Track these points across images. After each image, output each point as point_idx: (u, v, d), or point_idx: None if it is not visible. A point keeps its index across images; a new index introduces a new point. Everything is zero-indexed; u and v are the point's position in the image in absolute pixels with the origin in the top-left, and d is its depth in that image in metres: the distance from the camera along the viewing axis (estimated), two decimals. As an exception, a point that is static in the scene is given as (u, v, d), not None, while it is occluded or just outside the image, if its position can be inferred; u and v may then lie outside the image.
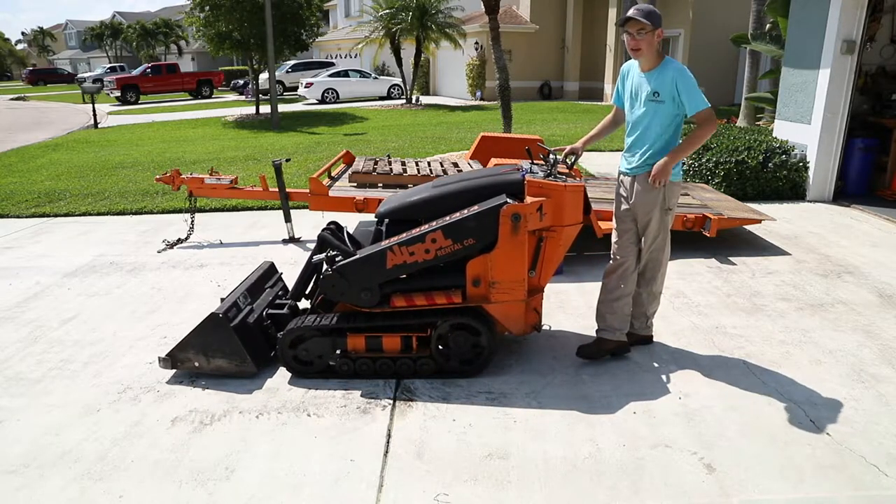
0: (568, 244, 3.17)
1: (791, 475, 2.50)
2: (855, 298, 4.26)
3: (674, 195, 3.24)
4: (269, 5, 14.27)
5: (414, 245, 3.03)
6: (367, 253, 3.10)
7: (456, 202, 3.11)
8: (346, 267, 3.10)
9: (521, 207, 2.96)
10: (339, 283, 3.11)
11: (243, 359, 3.20)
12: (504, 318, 3.19)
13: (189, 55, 47.94)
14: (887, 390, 3.11)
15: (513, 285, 3.09)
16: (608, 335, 3.41)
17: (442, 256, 3.05)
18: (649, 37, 3.06)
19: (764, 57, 12.71)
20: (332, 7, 38.09)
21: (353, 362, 3.22)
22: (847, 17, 6.49)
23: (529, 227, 3.00)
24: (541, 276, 3.19)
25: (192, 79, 29.02)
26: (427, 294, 3.14)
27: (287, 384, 3.22)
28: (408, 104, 21.18)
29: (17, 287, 4.73)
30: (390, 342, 3.21)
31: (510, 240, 2.99)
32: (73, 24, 66.53)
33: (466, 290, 3.12)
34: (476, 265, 3.06)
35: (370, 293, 3.12)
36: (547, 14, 24.13)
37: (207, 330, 3.18)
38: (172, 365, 3.28)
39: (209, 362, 3.24)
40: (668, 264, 3.43)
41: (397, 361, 3.21)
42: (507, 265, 3.05)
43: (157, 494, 2.43)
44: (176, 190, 6.06)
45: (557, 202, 3.03)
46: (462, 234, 3.01)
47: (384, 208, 3.29)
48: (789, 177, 7.06)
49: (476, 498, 2.40)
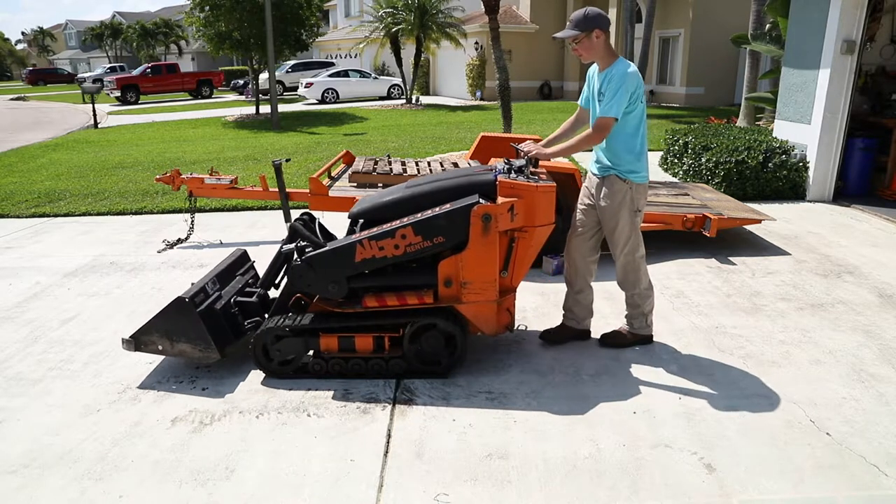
0: (540, 245, 3.18)
1: (791, 475, 2.50)
2: (855, 298, 4.26)
3: (641, 196, 3.29)
4: (269, 5, 14.26)
5: (383, 240, 3.04)
6: (336, 245, 3.12)
7: (428, 202, 3.11)
8: (315, 258, 3.11)
9: (491, 208, 2.97)
10: (307, 274, 3.12)
11: (207, 344, 3.18)
12: (476, 318, 3.19)
13: (189, 55, 47.93)
14: (887, 390, 3.11)
15: (484, 286, 3.09)
16: (573, 324, 3.60)
17: (411, 253, 3.05)
18: (586, 41, 3.13)
19: (764, 57, 12.72)
20: (332, 7, 38.09)
21: (325, 362, 3.23)
22: (847, 17, 6.49)
23: (500, 227, 3.00)
24: (513, 277, 3.20)
25: (192, 79, 29.02)
26: (399, 294, 3.15)
27: (287, 384, 3.22)
28: (408, 104, 21.18)
29: (17, 287, 4.73)
30: (363, 342, 3.22)
31: (481, 240, 3.00)
32: (73, 24, 66.52)
33: (438, 291, 3.13)
34: (447, 265, 3.07)
35: (338, 286, 3.12)
36: (547, 14, 24.12)
37: (172, 314, 3.18)
38: (136, 347, 3.27)
39: (173, 346, 3.24)
40: (645, 263, 3.45)
41: (369, 361, 3.22)
42: (478, 265, 3.05)
43: (157, 494, 2.43)
44: (176, 190, 6.06)
45: (529, 203, 3.03)
46: (432, 231, 3.02)
47: (357, 208, 3.30)
48: (789, 177, 7.06)
49: (476, 498, 2.40)
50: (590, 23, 3.10)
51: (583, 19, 3.12)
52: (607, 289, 4.16)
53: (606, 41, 3.15)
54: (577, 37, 3.12)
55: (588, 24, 3.10)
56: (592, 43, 3.13)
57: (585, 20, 3.11)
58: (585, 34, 3.11)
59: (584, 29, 3.11)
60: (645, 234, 5.30)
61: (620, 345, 3.58)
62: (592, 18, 3.11)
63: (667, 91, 21.14)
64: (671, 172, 8.49)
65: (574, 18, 3.14)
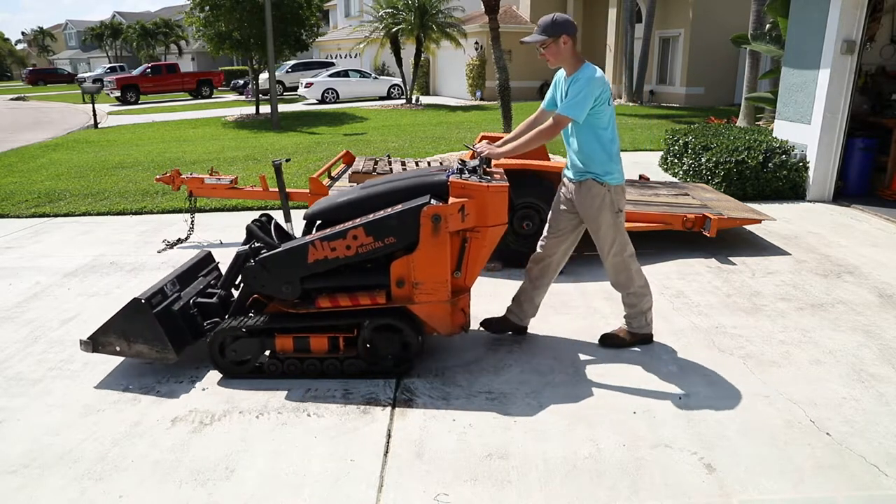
0: (493, 245, 3.18)
1: (791, 475, 2.50)
2: (855, 298, 4.26)
3: (620, 197, 3.31)
4: (269, 5, 14.26)
5: (335, 241, 3.06)
6: (289, 246, 3.13)
7: (382, 203, 3.12)
8: (269, 259, 3.13)
9: (441, 208, 2.97)
10: (261, 275, 3.14)
11: (164, 345, 3.19)
12: (430, 318, 3.19)
13: (189, 55, 47.93)
14: (887, 390, 3.11)
15: (436, 286, 3.09)
16: (515, 319, 3.66)
17: (363, 254, 3.06)
18: (553, 47, 3.15)
19: (764, 57, 12.72)
20: (332, 7, 38.09)
21: (281, 363, 3.24)
22: (847, 17, 6.49)
23: (451, 227, 3.00)
24: (466, 277, 3.20)
25: (192, 79, 29.02)
26: (352, 295, 3.16)
27: (287, 384, 3.22)
28: (408, 104, 21.18)
29: (17, 287, 4.73)
30: (317, 343, 3.23)
31: (431, 240, 3.00)
32: (73, 24, 66.51)
33: (391, 291, 3.13)
34: (399, 266, 3.08)
35: (291, 287, 3.14)
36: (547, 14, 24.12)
37: (129, 315, 3.19)
38: (93, 348, 3.28)
39: (130, 347, 3.25)
40: (636, 262, 3.45)
41: (324, 362, 3.23)
42: (429, 266, 3.06)
43: (157, 494, 2.43)
44: (176, 190, 6.06)
45: (480, 203, 3.03)
46: (383, 232, 3.03)
47: (312, 210, 3.30)
48: (789, 177, 7.06)
49: (476, 498, 2.40)
50: (557, 28, 3.12)
51: (550, 25, 3.14)
52: (606, 289, 4.15)
53: (573, 47, 3.18)
54: (545, 42, 3.15)
55: (556, 29, 3.12)
56: (560, 48, 3.15)
57: (553, 25, 3.13)
58: (553, 39, 3.13)
59: (551, 34, 3.13)
60: (645, 234, 5.36)
61: (620, 345, 3.58)
62: (560, 24, 3.13)
63: (667, 91, 21.14)
64: (671, 172, 8.49)
65: (542, 24, 3.17)
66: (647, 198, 5.74)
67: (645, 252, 5.23)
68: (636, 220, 5.16)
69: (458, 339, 3.71)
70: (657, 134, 12.04)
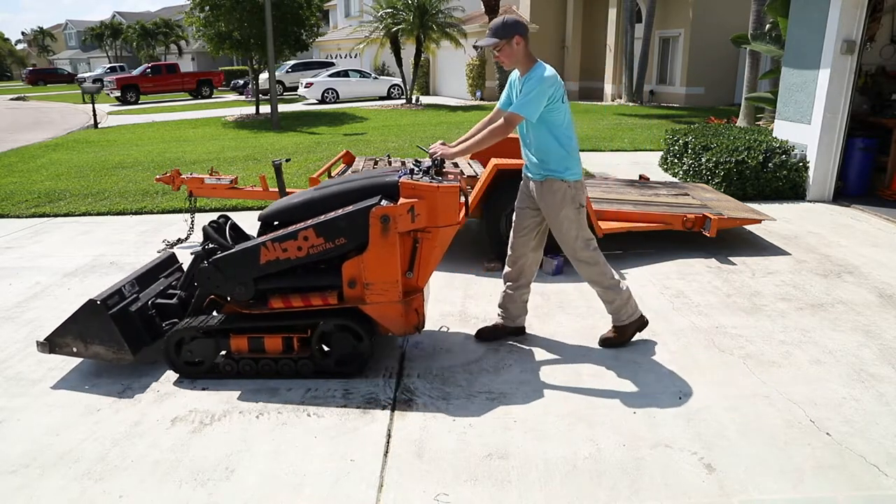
0: (445, 245, 3.19)
1: (791, 475, 2.50)
2: (855, 298, 4.26)
3: (581, 192, 3.33)
4: (269, 5, 14.26)
5: (287, 242, 3.07)
6: (241, 248, 3.15)
7: (334, 204, 3.13)
8: (222, 260, 3.14)
9: (390, 209, 2.98)
10: (214, 276, 3.16)
11: (120, 346, 3.20)
12: (382, 318, 3.20)
13: (189, 55, 47.94)
14: (887, 390, 3.11)
15: (387, 286, 3.10)
16: (507, 323, 3.67)
17: (314, 255, 3.08)
18: (507, 48, 3.16)
19: (764, 57, 12.73)
20: (332, 7, 38.09)
21: (236, 363, 3.25)
22: (847, 17, 6.49)
23: (400, 228, 3.01)
24: (418, 277, 3.21)
25: (192, 79, 29.03)
26: (304, 295, 3.17)
27: (287, 384, 3.22)
28: (408, 104, 21.18)
29: (17, 287, 4.73)
30: (272, 343, 3.24)
31: (381, 241, 3.01)
32: (73, 24, 66.52)
33: (343, 292, 3.14)
34: (351, 266, 3.09)
35: (245, 287, 3.15)
36: (547, 14, 24.12)
37: (85, 316, 3.20)
38: (50, 349, 3.29)
39: (87, 348, 3.26)
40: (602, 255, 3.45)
41: (279, 362, 3.24)
42: (379, 266, 3.06)
43: (157, 494, 2.43)
44: (176, 190, 6.06)
45: (430, 203, 3.04)
46: (333, 233, 3.04)
47: (266, 212, 3.31)
48: (789, 177, 7.06)
49: (476, 498, 2.40)
50: (509, 30, 3.14)
51: (501, 27, 3.16)
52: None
53: (526, 47, 3.19)
54: (498, 44, 3.16)
55: (507, 31, 3.14)
56: (513, 49, 3.17)
57: (504, 28, 3.15)
58: (506, 41, 3.15)
59: (503, 36, 3.14)
60: (645, 234, 5.35)
61: (620, 343, 3.58)
62: (511, 25, 3.15)
63: (667, 91, 21.14)
64: (671, 172, 8.49)
65: (493, 27, 3.19)
66: (647, 198, 5.74)
67: (645, 252, 5.24)
68: (636, 220, 5.17)
69: (459, 340, 3.71)
70: (657, 134, 12.04)
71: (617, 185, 6.34)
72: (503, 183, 4.60)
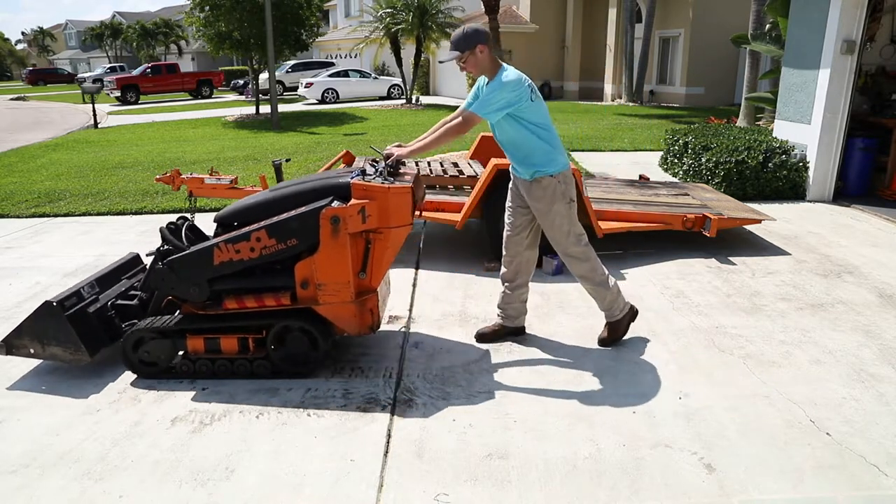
0: (397, 246, 3.20)
1: (791, 475, 2.50)
2: (855, 298, 4.26)
3: (570, 185, 3.34)
4: (269, 5, 14.26)
5: (239, 243, 3.08)
6: (195, 249, 3.16)
7: (288, 205, 3.13)
8: (176, 262, 3.16)
9: (340, 210, 2.99)
10: (169, 277, 3.17)
11: (77, 347, 3.21)
12: (336, 319, 3.21)
13: (189, 55, 47.93)
14: (887, 390, 3.11)
15: (339, 287, 3.11)
16: (507, 323, 3.69)
17: (267, 256, 3.09)
18: (472, 59, 3.19)
19: (764, 57, 12.73)
20: (332, 7, 38.09)
21: (192, 363, 3.26)
22: (847, 17, 6.49)
23: (350, 229, 3.02)
24: (371, 278, 3.21)
25: (192, 79, 29.03)
26: (258, 296, 3.18)
27: (287, 384, 3.22)
28: (408, 104, 21.18)
29: (17, 287, 4.73)
30: (227, 343, 3.25)
31: (332, 242, 3.02)
32: (73, 24, 66.51)
33: (296, 292, 3.15)
34: (303, 267, 3.09)
35: (199, 288, 3.17)
36: (547, 14, 24.14)
37: (41, 317, 3.21)
38: (7, 351, 3.30)
39: (44, 349, 3.27)
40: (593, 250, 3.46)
41: (235, 362, 3.26)
42: (330, 267, 3.07)
43: (157, 494, 2.43)
44: (176, 190, 6.04)
45: (382, 204, 3.04)
46: (285, 234, 3.05)
47: (222, 213, 3.32)
48: (789, 177, 7.06)
49: (476, 498, 2.40)
50: (470, 41, 3.16)
51: (462, 39, 3.17)
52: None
53: (490, 53, 3.21)
54: (461, 57, 3.19)
55: (469, 42, 3.16)
56: (478, 59, 3.19)
57: (465, 39, 3.16)
58: (469, 52, 3.17)
59: (465, 48, 3.17)
60: (645, 234, 5.35)
61: (619, 337, 3.61)
62: (471, 36, 3.16)
63: (667, 91, 21.14)
64: (671, 172, 8.49)
65: (454, 40, 3.21)
66: (647, 198, 5.74)
67: (645, 252, 5.24)
68: (636, 220, 5.17)
69: (458, 340, 3.71)
70: (657, 134, 12.05)
71: (617, 185, 6.34)
72: (503, 183, 4.58)
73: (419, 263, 5.08)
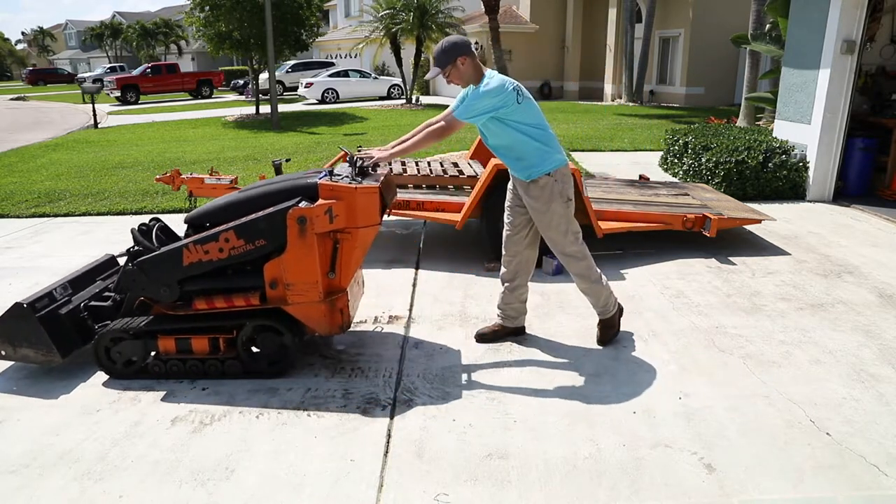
0: (366, 246, 3.20)
1: (791, 475, 2.50)
2: (855, 298, 4.26)
3: (568, 184, 3.34)
4: (269, 5, 14.26)
5: (208, 244, 3.09)
6: (165, 250, 3.17)
7: (257, 206, 3.14)
8: (146, 263, 3.17)
9: (306, 210, 3.00)
10: (139, 278, 3.19)
11: (49, 348, 3.22)
12: (306, 319, 3.21)
13: (189, 55, 47.93)
14: (887, 390, 3.11)
15: (307, 287, 3.11)
16: (507, 323, 3.69)
17: (236, 256, 3.10)
18: (455, 71, 3.23)
19: (764, 57, 12.73)
20: (332, 7, 38.09)
21: (164, 363, 3.27)
22: (847, 17, 6.49)
23: (317, 229, 3.02)
24: (340, 278, 3.21)
25: (192, 79, 29.03)
26: (227, 297, 3.19)
27: (287, 384, 3.22)
28: (408, 104, 21.18)
29: (17, 287, 4.72)
30: (198, 344, 3.26)
31: (299, 242, 3.03)
32: (73, 24, 66.51)
33: (265, 292, 3.16)
34: (272, 267, 3.10)
35: (169, 289, 3.18)
36: (547, 14, 24.14)
37: (12, 319, 3.22)
38: None
39: (16, 351, 3.28)
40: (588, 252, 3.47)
41: (206, 363, 3.27)
42: (298, 267, 3.08)
43: (157, 494, 2.43)
44: (176, 190, 6.05)
45: (349, 204, 3.05)
46: (253, 234, 3.06)
47: (192, 214, 3.33)
48: (789, 177, 7.06)
49: (476, 498, 2.40)
50: (449, 55, 3.18)
51: (442, 54, 3.20)
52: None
53: (473, 61, 3.21)
54: (444, 71, 3.21)
55: (448, 56, 3.18)
56: (460, 70, 3.21)
57: (444, 55, 3.19)
58: (451, 66, 3.19)
59: (445, 63, 3.19)
60: (645, 234, 5.35)
61: (614, 333, 3.64)
62: (450, 50, 3.18)
63: (667, 91, 21.14)
64: (671, 172, 8.49)
65: (435, 56, 3.24)
66: (647, 198, 5.74)
67: (645, 252, 5.24)
68: (636, 220, 5.17)
69: (459, 340, 3.71)
70: (657, 134, 12.05)
71: (617, 185, 6.34)
72: (503, 183, 4.58)
73: (419, 263, 5.08)
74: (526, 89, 3.30)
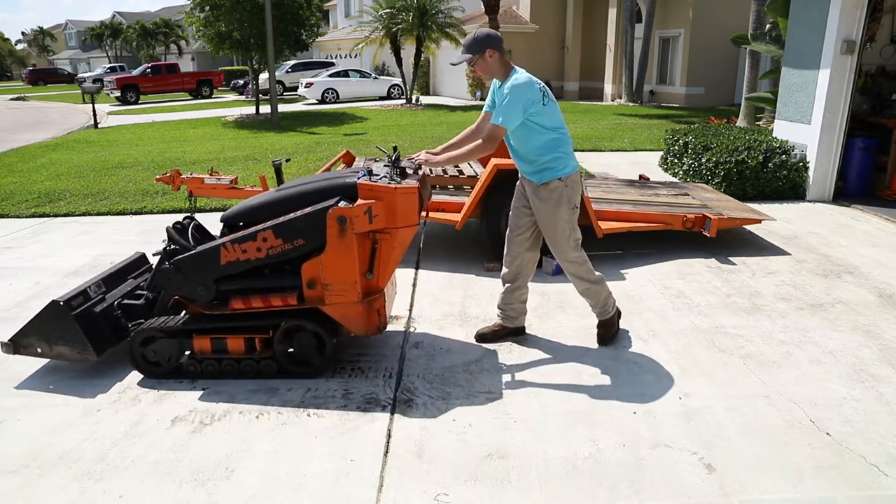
0: (404, 246, 3.20)
1: (791, 475, 2.50)
2: (855, 298, 4.26)
3: (576, 192, 3.34)
4: (269, 5, 14.26)
5: (246, 243, 3.09)
6: (202, 249, 3.16)
7: (294, 205, 3.14)
8: (183, 262, 3.16)
9: (346, 210, 2.99)
10: (174, 277, 3.18)
11: (84, 346, 3.22)
12: (343, 319, 3.21)
13: (189, 55, 47.93)
14: (887, 390, 3.11)
15: (345, 287, 3.11)
16: (507, 323, 3.68)
17: (274, 255, 3.09)
18: (481, 62, 3.22)
19: (764, 57, 12.73)
20: (332, 7, 38.10)
21: (199, 363, 3.26)
22: (847, 17, 6.49)
23: (357, 229, 3.02)
24: (378, 278, 3.21)
25: (192, 79, 29.02)
26: (265, 296, 3.18)
27: (287, 384, 3.22)
28: (408, 104, 21.18)
29: (17, 287, 4.73)
30: (234, 343, 3.25)
31: (338, 242, 3.02)
32: (73, 24, 66.51)
33: (303, 292, 3.15)
34: (310, 267, 3.10)
35: (206, 288, 3.17)
36: (547, 14, 24.13)
37: (48, 317, 3.23)
38: (15, 350, 3.31)
39: (51, 349, 3.29)
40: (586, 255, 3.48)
41: (241, 362, 3.26)
42: (337, 267, 3.07)
43: (157, 494, 2.43)
44: (176, 190, 6.04)
45: (389, 204, 3.05)
46: (292, 234, 3.06)
47: (228, 213, 3.32)
48: (789, 177, 7.06)
49: (476, 498, 2.40)
50: (480, 45, 3.18)
51: (473, 43, 3.20)
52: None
53: (501, 57, 3.22)
54: (472, 59, 3.21)
55: (478, 46, 3.19)
56: (487, 63, 3.21)
57: (476, 44, 3.19)
58: (479, 56, 3.19)
59: (475, 52, 3.19)
60: (645, 234, 5.35)
61: (614, 333, 3.65)
62: (482, 40, 3.19)
63: (667, 91, 21.14)
64: (671, 172, 8.49)
65: (465, 43, 3.24)
66: (647, 198, 5.74)
67: (645, 252, 5.24)
68: (636, 220, 5.17)
69: (459, 340, 3.71)
70: (657, 134, 12.05)
71: (617, 185, 6.34)
72: (503, 183, 4.59)
73: (419, 263, 5.08)
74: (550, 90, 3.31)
